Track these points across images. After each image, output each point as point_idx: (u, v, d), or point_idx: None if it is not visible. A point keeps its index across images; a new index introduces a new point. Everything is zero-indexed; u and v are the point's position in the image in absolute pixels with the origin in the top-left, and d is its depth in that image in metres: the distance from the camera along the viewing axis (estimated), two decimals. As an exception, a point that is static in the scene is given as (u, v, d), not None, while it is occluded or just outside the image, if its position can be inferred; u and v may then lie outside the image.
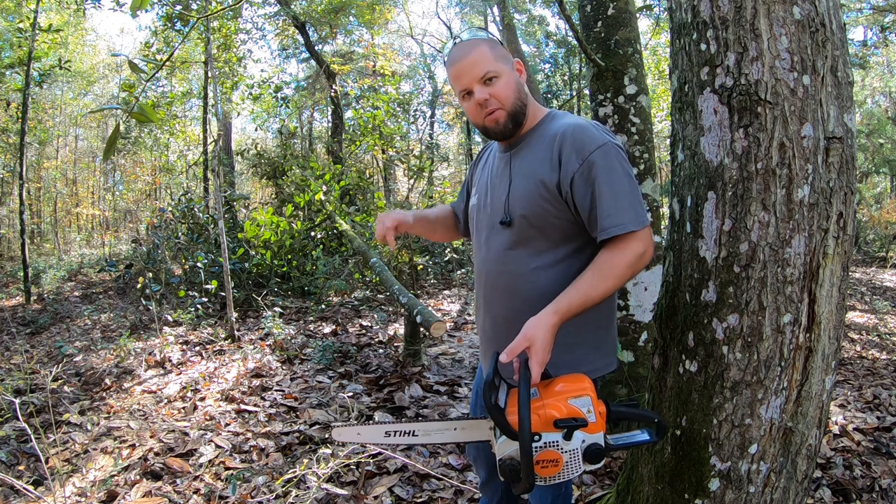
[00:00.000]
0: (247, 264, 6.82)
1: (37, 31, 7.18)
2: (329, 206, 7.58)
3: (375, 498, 2.33)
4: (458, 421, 1.26)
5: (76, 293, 7.77)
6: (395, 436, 1.26)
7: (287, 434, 2.98)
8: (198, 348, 4.68)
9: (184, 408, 3.38)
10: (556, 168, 1.30)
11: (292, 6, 10.37)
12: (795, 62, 1.20)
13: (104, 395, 3.64)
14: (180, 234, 7.51)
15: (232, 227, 8.38)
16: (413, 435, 1.26)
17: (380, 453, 2.58)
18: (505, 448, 1.11)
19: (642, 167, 2.84)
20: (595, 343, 1.39)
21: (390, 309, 6.11)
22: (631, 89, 2.84)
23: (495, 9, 13.42)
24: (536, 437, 1.09)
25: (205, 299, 5.79)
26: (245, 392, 3.65)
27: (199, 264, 6.17)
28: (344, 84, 12.58)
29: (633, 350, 2.82)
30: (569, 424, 1.08)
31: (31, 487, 2.24)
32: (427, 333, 3.96)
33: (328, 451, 2.64)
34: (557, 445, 1.09)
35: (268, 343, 4.74)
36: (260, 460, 2.69)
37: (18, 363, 4.42)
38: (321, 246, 7.63)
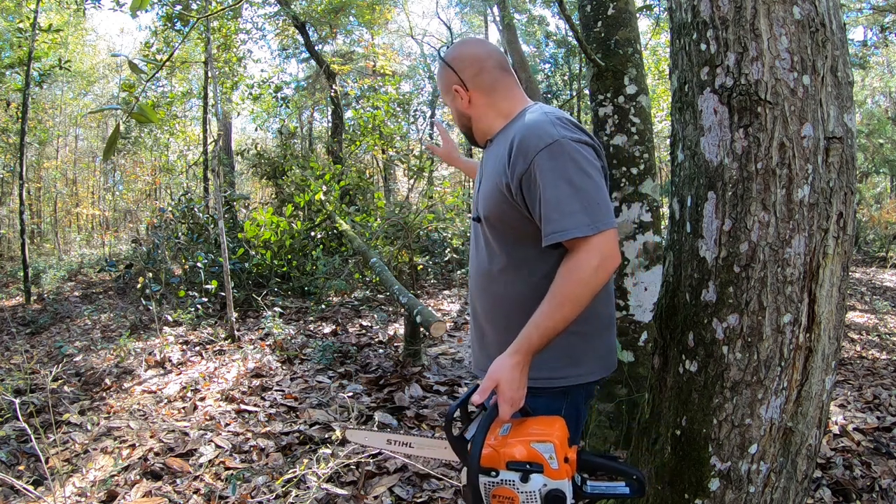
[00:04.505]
0: (247, 264, 6.82)
1: (37, 31, 7.18)
2: (329, 206, 7.58)
3: (375, 498, 2.33)
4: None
5: (76, 293, 7.77)
6: (394, 444, 1.38)
7: (287, 434, 2.98)
8: (198, 348, 4.68)
9: (184, 408, 3.38)
10: (508, 170, 1.23)
11: (292, 6, 10.37)
12: (795, 62, 1.20)
13: (104, 395, 3.64)
14: (180, 234, 7.52)
15: (232, 227, 8.38)
16: (410, 446, 1.36)
17: (380, 453, 2.58)
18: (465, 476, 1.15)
19: (642, 167, 2.84)
20: (564, 350, 1.28)
21: (390, 309, 6.11)
22: (631, 89, 2.84)
23: (495, 9, 13.42)
24: (494, 473, 1.11)
25: (205, 299, 5.79)
26: (245, 392, 3.65)
27: (199, 264, 6.17)
28: (344, 84, 12.58)
29: (633, 350, 2.82)
30: (521, 468, 1.09)
31: (31, 487, 2.24)
32: (427, 333, 3.96)
33: (328, 451, 2.64)
34: (514, 485, 1.10)
35: (268, 343, 4.74)
36: (260, 460, 2.69)
37: (18, 363, 4.42)
38: (321, 246, 7.62)
